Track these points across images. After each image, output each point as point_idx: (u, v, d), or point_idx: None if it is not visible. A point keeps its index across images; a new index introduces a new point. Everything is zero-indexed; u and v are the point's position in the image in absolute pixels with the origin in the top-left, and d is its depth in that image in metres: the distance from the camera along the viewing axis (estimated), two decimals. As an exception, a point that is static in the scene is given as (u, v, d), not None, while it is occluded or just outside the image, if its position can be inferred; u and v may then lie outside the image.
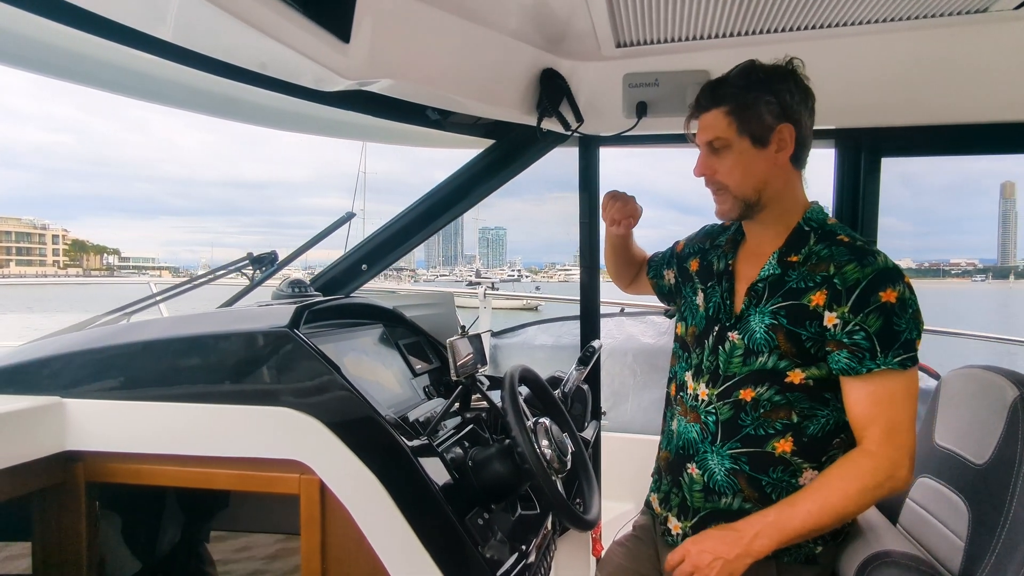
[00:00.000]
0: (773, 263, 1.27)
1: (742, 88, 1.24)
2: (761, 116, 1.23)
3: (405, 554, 1.18)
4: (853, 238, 1.24)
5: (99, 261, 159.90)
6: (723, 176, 1.28)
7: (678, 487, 1.35)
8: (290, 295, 1.79)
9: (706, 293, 1.38)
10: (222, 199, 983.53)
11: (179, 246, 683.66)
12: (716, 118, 1.26)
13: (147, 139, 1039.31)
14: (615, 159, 24.09)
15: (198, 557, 1.75)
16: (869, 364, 1.14)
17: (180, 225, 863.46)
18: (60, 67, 1.49)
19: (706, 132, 1.28)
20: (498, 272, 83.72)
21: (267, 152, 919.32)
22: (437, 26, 1.58)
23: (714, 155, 1.28)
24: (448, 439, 1.39)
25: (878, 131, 1.91)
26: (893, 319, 1.14)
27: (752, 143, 1.25)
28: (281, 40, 1.16)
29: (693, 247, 1.52)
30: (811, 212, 1.30)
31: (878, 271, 1.16)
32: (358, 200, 20.31)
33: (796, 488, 1.23)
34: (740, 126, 1.24)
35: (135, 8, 1.14)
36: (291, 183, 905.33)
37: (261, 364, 1.25)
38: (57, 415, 1.30)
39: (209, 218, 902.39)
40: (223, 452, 1.26)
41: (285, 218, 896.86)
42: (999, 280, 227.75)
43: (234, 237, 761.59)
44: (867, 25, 1.67)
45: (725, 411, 1.27)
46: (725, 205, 1.30)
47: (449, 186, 2.14)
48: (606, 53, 1.88)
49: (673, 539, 1.35)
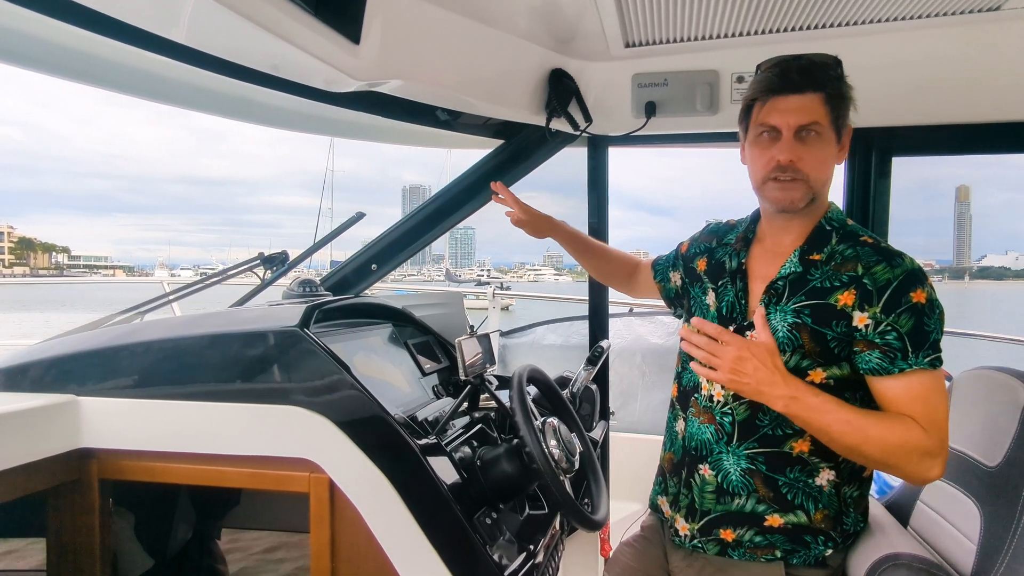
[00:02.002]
0: (795, 261, 1.25)
1: (839, 78, 1.19)
2: (847, 112, 1.20)
3: (413, 553, 1.19)
4: (876, 240, 1.23)
5: (47, 260, 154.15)
6: (808, 165, 1.18)
7: (688, 488, 1.34)
8: (300, 295, 1.80)
9: (718, 292, 1.36)
10: (179, 196, 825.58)
11: (133, 244, 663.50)
12: (814, 102, 1.17)
13: (100, 133, 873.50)
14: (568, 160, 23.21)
15: (209, 554, 1.77)
16: (901, 364, 1.13)
17: (134, 223, 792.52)
18: (74, 69, 1.51)
19: (800, 115, 1.17)
20: (467, 272, 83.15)
21: (227, 148, 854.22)
22: (446, 27, 1.58)
23: (801, 142, 1.18)
24: (456, 439, 1.39)
25: (889, 130, 1.90)
26: (924, 319, 1.13)
27: (835, 137, 1.20)
28: (293, 42, 1.17)
29: (699, 247, 1.50)
30: (832, 212, 1.28)
31: (907, 272, 1.15)
32: (326, 199, 20.28)
33: (813, 488, 1.23)
34: (833, 117, 1.18)
35: (150, 11, 1.16)
36: (252, 180, 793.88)
37: (272, 363, 1.27)
38: (71, 413, 1.32)
39: (165, 215, 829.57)
40: (234, 450, 1.27)
41: (246, 216, 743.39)
42: (954, 280, 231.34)
43: (192, 235, 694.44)
44: (878, 24, 1.66)
45: (742, 411, 1.26)
46: (796, 193, 1.21)
47: (459, 186, 2.15)
48: (615, 53, 1.88)
49: (681, 540, 1.34)
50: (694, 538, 1.31)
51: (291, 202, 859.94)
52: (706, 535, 1.29)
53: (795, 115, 1.17)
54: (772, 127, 1.20)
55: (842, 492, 1.25)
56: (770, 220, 1.34)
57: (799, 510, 1.23)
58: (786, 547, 1.24)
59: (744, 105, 1.27)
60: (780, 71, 1.20)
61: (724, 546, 1.28)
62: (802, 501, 1.23)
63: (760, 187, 1.27)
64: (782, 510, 1.23)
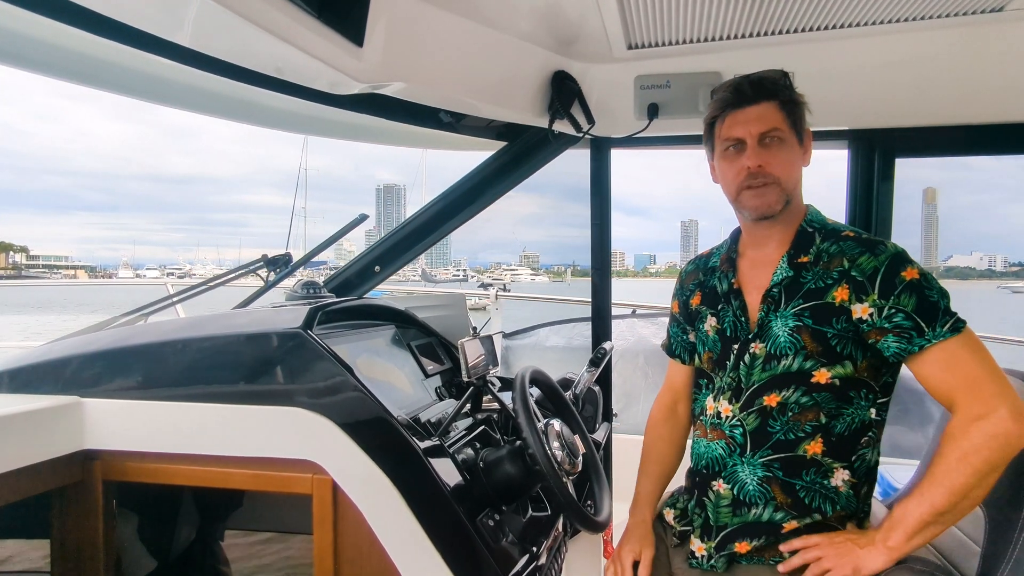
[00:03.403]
0: (784, 266, 1.27)
1: (789, 87, 1.27)
2: (803, 116, 1.28)
3: (416, 554, 1.19)
4: (857, 232, 1.26)
5: (4, 260, 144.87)
6: (776, 168, 1.25)
7: (701, 508, 1.33)
8: (304, 296, 1.81)
9: (718, 316, 1.36)
10: (145, 194, 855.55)
11: (96, 244, 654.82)
12: (770, 110, 1.25)
13: (59, 129, 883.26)
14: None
15: (213, 556, 1.77)
16: (920, 341, 1.14)
17: (97, 221, 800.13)
18: (80, 72, 1.52)
19: (760, 123, 1.24)
20: (443, 272, 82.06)
21: (195, 145, 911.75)
22: (449, 29, 1.59)
23: (765, 148, 1.25)
24: (459, 440, 1.39)
25: (892, 131, 1.90)
26: (925, 292, 1.15)
27: (797, 140, 1.27)
28: (296, 45, 1.18)
29: (688, 288, 1.47)
30: (811, 214, 1.32)
31: (891, 255, 1.18)
32: (299, 197, 20.21)
33: (830, 490, 1.22)
34: (791, 121, 1.26)
35: (155, 15, 1.16)
36: (221, 178, 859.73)
37: (275, 365, 1.27)
38: (75, 415, 1.32)
39: (130, 214, 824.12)
40: (237, 452, 1.27)
41: (214, 215, 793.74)
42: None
43: (158, 235, 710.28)
44: (881, 25, 1.66)
45: (751, 421, 1.26)
46: (771, 197, 1.26)
47: (462, 188, 2.15)
48: (617, 55, 1.88)
49: (698, 561, 1.31)
50: (711, 557, 1.29)
51: (261, 201, 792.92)
52: (722, 551, 1.28)
53: (755, 124, 1.25)
54: (737, 139, 1.27)
55: (860, 492, 1.25)
56: (751, 232, 1.36)
57: (816, 513, 1.22)
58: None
59: (706, 127, 1.34)
60: (733, 88, 1.28)
61: (734, 558, 1.27)
62: (819, 504, 1.22)
63: (736, 199, 1.31)
64: (799, 515, 1.23)
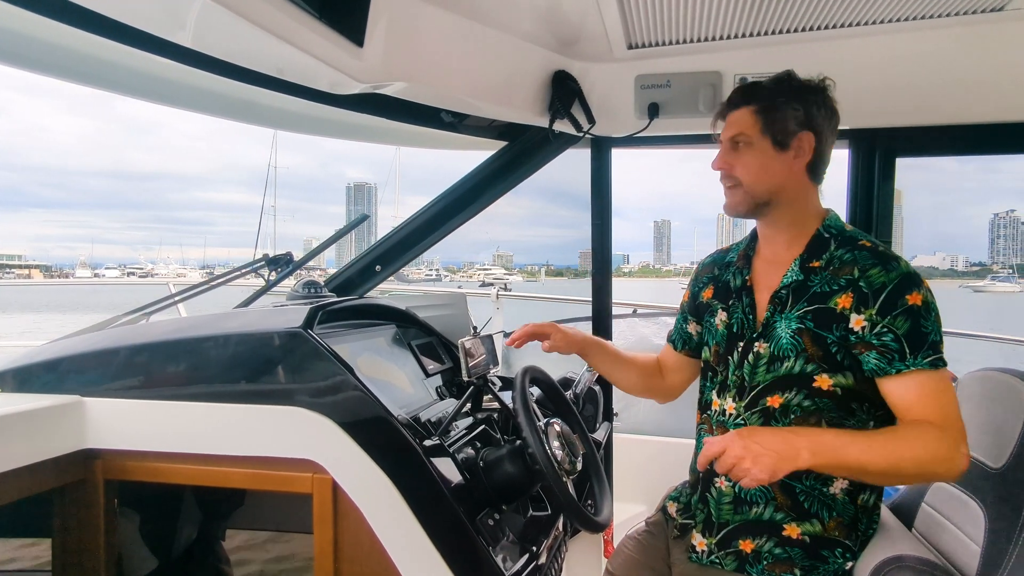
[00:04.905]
0: (795, 269, 1.28)
1: (773, 91, 1.29)
2: (786, 120, 1.27)
3: (416, 554, 1.19)
4: (874, 243, 1.25)
5: None
6: (739, 171, 1.30)
7: (703, 503, 1.34)
8: (304, 296, 1.81)
9: (728, 311, 1.37)
10: (104, 191, 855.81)
11: (52, 242, 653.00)
12: (743, 115, 1.30)
13: (10, 123, 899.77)
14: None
15: (214, 554, 1.78)
16: (899, 365, 1.14)
17: (53, 219, 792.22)
18: (81, 72, 1.52)
19: (731, 128, 1.31)
20: (415, 272, 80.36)
21: (157, 141, 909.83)
22: (449, 29, 1.59)
23: (734, 151, 1.31)
24: (460, 439, 1.40)
25: (893, 131, 1.90)
26: (920, 321, 1.15)
27: (773, 144, 1.27)
28: (297, 45, 1.18)
29: (702, 280, 1.48)
30: (830, 219, 1.32)
31: (903, 275, 1.18)
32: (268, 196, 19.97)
33: (828, 496, 1.23)
34: (764, 126, 1.28)
35: (156, 15, 1.16)
36: (185, 175, 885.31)
37: (276, 364, 1.27)
38: (77, 413, 1.33)
39: (89, 212, 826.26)
40: (238, 451, 1.28)
41: (177, 213, 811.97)
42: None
43: (119, 233, 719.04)
44: (882, 24, 1.66)
45: (755, 420, 1.27)
46: (735, 199, 1.32)
47: (463, 187, 2.15)
48: (618, 55, 1.88)
49: (698, 556, 1.32)
50: (712, 553, 1.30)
51: (226, 199, 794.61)
52: (725, 548, 1.29)
53: (728, 128, 1.33)
54: (722, 143, 1.35)
55: (858, 500, 1.25)
56: (759, 229, 1.40)
57: (814, 519, 1.23)
58: (804, 563, 1.23)
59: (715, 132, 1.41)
60: (729, 96, 1.35)
61: (743, 560, 1.27)
62: (817, 509, 1.23)
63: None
64: (799, 519, 1.24)
